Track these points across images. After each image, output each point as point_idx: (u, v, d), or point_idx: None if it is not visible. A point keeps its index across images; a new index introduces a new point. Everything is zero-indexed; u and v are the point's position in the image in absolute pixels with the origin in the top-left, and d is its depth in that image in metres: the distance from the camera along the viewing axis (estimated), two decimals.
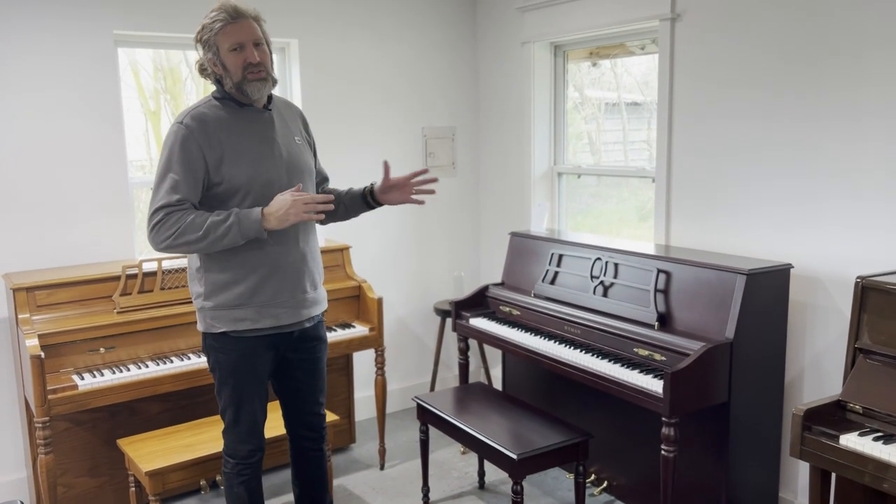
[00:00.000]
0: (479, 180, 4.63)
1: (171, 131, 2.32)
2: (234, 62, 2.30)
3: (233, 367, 2.43)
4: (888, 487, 2.10)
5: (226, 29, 2.29)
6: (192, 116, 2.31)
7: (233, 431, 2.50)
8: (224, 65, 2.32)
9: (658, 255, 3.05)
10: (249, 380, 2.45)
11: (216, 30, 2.30)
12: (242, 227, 2.26)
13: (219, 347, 2.43)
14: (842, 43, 2.72)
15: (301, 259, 2.46)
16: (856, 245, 2.76)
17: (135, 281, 3.18)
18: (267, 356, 2.47)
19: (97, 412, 3.15)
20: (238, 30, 2.29)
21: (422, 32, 4.30)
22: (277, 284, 2.40)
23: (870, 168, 2.68)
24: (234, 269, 2.36)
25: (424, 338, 4.55)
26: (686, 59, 3.27)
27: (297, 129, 2.54)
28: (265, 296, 2.39)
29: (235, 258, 2.35)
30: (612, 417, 3.28)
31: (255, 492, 2.57)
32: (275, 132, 2.42)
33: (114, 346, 3.05)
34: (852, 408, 2.35)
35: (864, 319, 2.44)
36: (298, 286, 2.45)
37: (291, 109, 2.58)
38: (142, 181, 3.69)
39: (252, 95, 2.34)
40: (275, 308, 2.40)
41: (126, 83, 3.67)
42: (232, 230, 2.25)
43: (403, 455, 3.87)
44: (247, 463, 2.52)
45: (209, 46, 2.33)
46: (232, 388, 2.45)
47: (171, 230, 2.25)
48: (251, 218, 2.26)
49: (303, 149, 2.52)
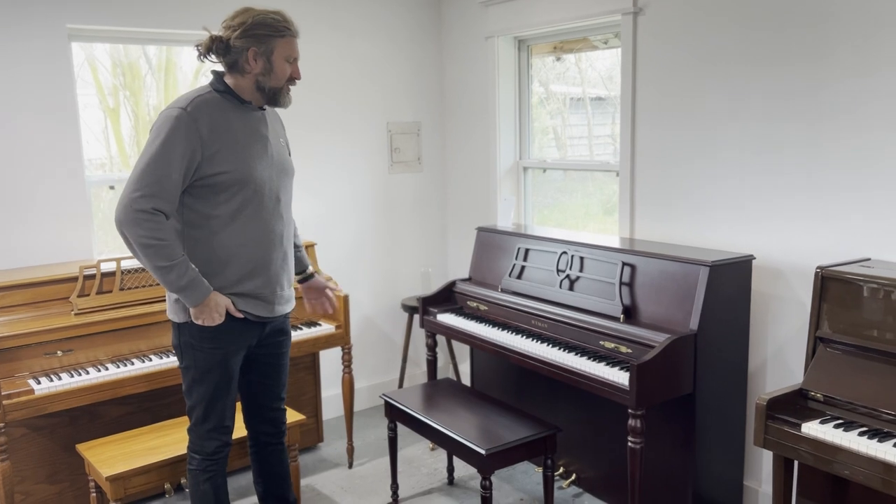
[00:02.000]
0: (445, 176, 4.62)
1: (170, 115, 2.27)
2: (284, 71, 2.40)
3: (206, 362, 2.43)
4: (849, 474, 2.13)
5: (288, 40, 2.39)
6: (196, 104, 2.30)
7: (200, 428, 2.50)
8: (272, 67, 2.37)
9: (623, 249, 3.07)
10: (223, 375, 2.46)
11: (279, 34, 2.36)
12: (189, 287, 2.28)
13: (196, 345, 2.42)
14: (804, 39, 2.75)
15: (282, 258, 2.52)
16: (816, 237, 2.80)
17: (93, 282, 3.10)
18: (240, 353, 2.50)
19: (55, 417, 3.07)
20: (295, 45, 2.42)
21: (386, 27, 4.27)
22: (258, 279, 2.44)
23: (829, 162, 2.73)
24: (216, 262, 2.38)
25: (392, 334, 4.52)
26: (649, 54, 3.29)
27: (281, 131, 2.61)
28: (246, 288, 2.42)
29: (221, 251, 2.37)
30: (580, 410, 3.29)
31: (221, 488, 2.56)
32: (267, 131, 2.48)
33: (71, 348, 2.97)
34: (814, 396, 2.39)
35: (823, 309, 2.48)
36: (277, 283, 2.50)
37: (274, 112, 2.62)
38: (101, 179, 3.60)
39: (284, 105, 2.45)
40: (253, 300, 2.44)
41: (83, 80, 3.58)
42: (182, 280, 2.27)
43: (372, 453, 3.84)
44: (213, 459, 2.52)
45: (260, 42, 2.34)
46: (204, 383, 2.45)
47: (150, 236, 2.24)
48: (200, 289, 2.30)
49: (286, 152, 2.59)
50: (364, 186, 4.26)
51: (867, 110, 2.60)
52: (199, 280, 2.31)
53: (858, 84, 2.61)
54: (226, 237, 2.37)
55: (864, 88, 2.60)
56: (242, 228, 2.38)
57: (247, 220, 2.38)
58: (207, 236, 2.36)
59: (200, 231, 2.36)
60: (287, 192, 2.54)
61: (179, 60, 3.87)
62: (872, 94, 2.58)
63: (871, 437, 2.14)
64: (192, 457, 2.53)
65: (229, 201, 2.35)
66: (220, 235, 2.36)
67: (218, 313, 2.35)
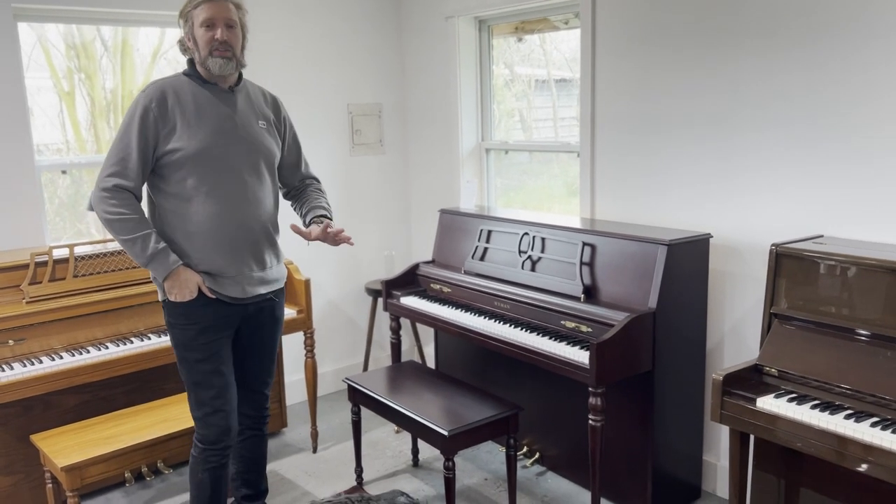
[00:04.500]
0: (407, 158, 4.58)
1: (134, 99, 2.41)
2: (204, 38, 2.39)
3: (182, 338, 2.47)
4: (802, 446, 2.18)
5: (202, 5, 2.38)
6: (155, 87, 2.40)
7: (196, 414, 2.54)
8: (195, 38, 2.41)
9: (583, 229, 3.08)
10: (203, 356, 2.48)
11: (192, 5, 2.40)
12: (154, 259, 2.35)
13: (172, 322, 2.46)
14: (756, 17, 2.77)
15: (251, 238, 2.51)
16: (771, 214, 2.84)
17: (45, 269, 3.02)
18: (221, 334, 2.50)
19: (9, 407, 2.99)
20: (213, 8, 2.38)
21: (344, 7, 4.20)
22: (221, 258, 2.45)
23: (782, 140, 2.76)
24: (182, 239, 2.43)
25: (356, 318, 4.50)
26: (608, 34, 3.29)
27: (262, 114, 2.58)
28: (209, 266, 2.44)
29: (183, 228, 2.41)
30: (543, 390, 3.31)
31: (219, 480, 2.57)
32: (235, 112, 2.47)
33: (24, 337, 2.90)
34: (768, 371, 2.43)
35: (779, 285, 2.52)
36: (244, 262, 2.49)
37: (264, 96, 2.63)
38: (56, 163, 3.50)
39: (213, 71, 2.41)
40: (221, 279, 2.46)
41: (36, 62, 3.46)
42: (146, 252, 2.34)
43: (336, 437, 3.83)
44: (213, 449, 2.53)
45: (186, 21, 2.43)
46: (186, 363, 2.50)
47: (111, 212, 2.33)
48: (166, 262, 2.36)
49: (265, 133, 2.55)
50: (325, 169, 4.21)
51: (817, 88, 2.63)
52: (164, 254, 2.36)
53: (809, 61, 2.64)
54: (186, 214, 2.41)
55: (815, 65, 2.63)
56: (201, 206, 2.41)
57: (205, 198, 2.41)
58: (172, 214, 2.43)
59: (166, 209, 2.43)
60: (256, 171, 2.51)
61: (136, 42, 3.77)
62: (822, 72, 2.61)
63: (823, 409, 2.18)
64: (195, 444, 2.56)
65: (186, 179, 2.39)
66: (182, 213, 2.41)
67: (189, 290, 2.40)
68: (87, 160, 3.60)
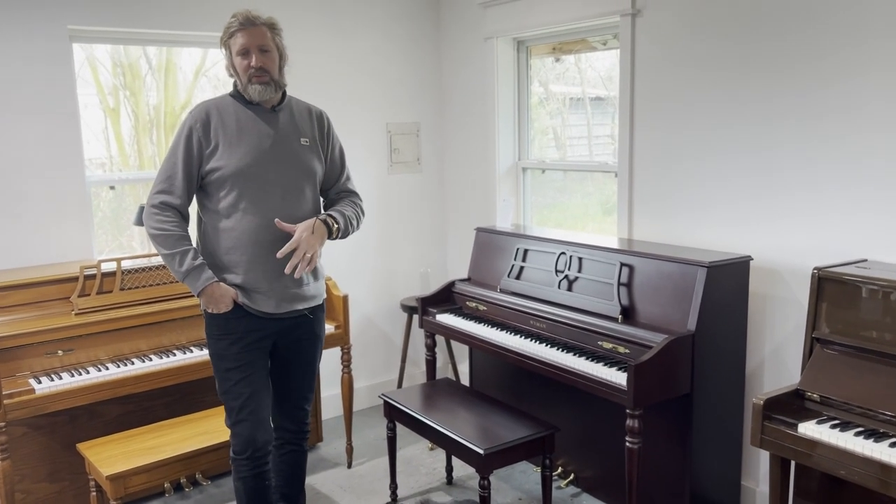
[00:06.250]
0: (444, 176, 4.63)
1: (181, 120, 2.55)
2: (241, 66, 2.47)
3: (215, 348, 2.55)
4: (845, 474, 2.15)
5: (236, 34, 2.46)
6: (201, 108, 2.51)
7: (228, 422, 2.57)
8: (234, 67, 2.50)
9: (621, 249, 3.08)
10: (235, 366, 2.53)
11: (229, 35, 2.48)
12: (189, 275, 2.43)
13: (208, 332, 2.54)
14: (798, 41, 2.77)
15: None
16: (813, 237, 2.81)
17: (93, 282, 3.11)
18: (255, 347, 2.54)
19: (56, 416, 3.08)
20: (246, 36, 2.45)
21: (385, 28, 4.28)
22: (254, 273, 2.50)
23: (825, 162, 2.74)
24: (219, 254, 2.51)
25: (391, 334, 4.53)
26: (647, 55, 3.30)
27: (305, 131, 2.62)
28: (243, 280, 2.50)
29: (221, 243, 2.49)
30: (578, 410, 3.30)
31: (252, 492, 2.60)
32: (276, 130, 2.54)
33: (72, 348, 2.99)
34: (810, 396, 2.40)
35: (820, 310, 2.49)
36: (277, 279, 2.52)
37: (310, 113, 2.67)
38: (102, 179, 3.61)
39: (253, 97, 2.49)
40: (253, 293, 2.50)
41: (84, 79, 3.59)
42: (182, 268, 2.42)
43: (371, 453, 3.85)
44: (243, 459, 2.57)
45: (226, 50, 2.52)
46: (219, 372, 2.55)
47: (155, 228, 2.44)
48: (199, 278, 2.43)
49: (307, 150, 2.60)
50: (364, 186, 4.26)
51: (861, 111, 2.61)
52: (199, 270, 2.43)
53: (852, 85, 2.62)
54: (225, 230, 2.49)
55: (858, 90, 2.61)
56: (239, 222, 2.48)
57: (243, 214, 2.48)
58: (212, 230, 2.51)
59: (210, 225, 2.53)
60: (295, 188, 2.55)
61: (179, 61, 3.88)
62: (866, 96, 2.59)
63: (868, 437, 2.15)
64: (231, 453, 2.61)
65: (227, 196, 2.48)
66: (221, 229, 2.49)
67: (223, 303, 2.47)
68: (132, 176, 3.71)
